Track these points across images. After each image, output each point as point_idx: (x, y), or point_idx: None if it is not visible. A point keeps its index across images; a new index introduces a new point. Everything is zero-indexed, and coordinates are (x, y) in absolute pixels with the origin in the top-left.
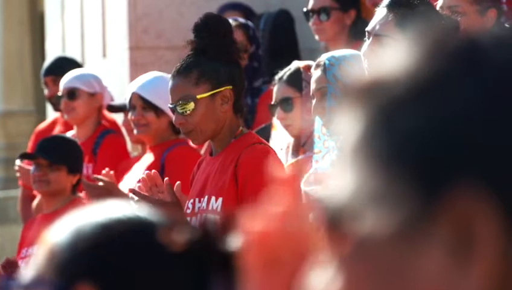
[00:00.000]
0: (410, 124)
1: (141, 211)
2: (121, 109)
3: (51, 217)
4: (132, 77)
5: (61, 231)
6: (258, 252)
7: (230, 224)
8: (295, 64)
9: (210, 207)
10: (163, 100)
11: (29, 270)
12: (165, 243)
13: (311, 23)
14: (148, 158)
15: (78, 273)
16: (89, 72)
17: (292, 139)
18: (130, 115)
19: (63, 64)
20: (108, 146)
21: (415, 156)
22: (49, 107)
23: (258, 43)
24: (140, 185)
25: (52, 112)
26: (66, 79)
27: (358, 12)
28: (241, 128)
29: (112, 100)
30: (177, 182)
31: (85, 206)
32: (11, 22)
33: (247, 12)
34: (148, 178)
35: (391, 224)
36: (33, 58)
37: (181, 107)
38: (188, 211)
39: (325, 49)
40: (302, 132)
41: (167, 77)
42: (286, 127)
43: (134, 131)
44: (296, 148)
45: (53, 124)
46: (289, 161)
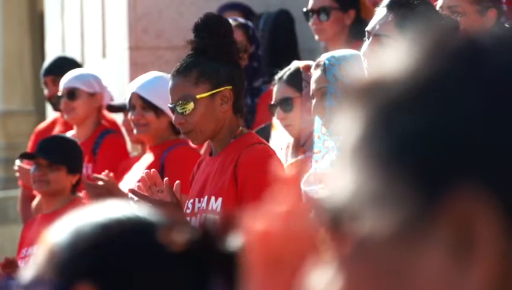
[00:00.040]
0: (410, 124)
1: (141, 211)
2: (121, 109)
3: (50, 217)
4: (132, 77)
5: (61, 231)
6: (260, 252)
7: (230, 224)
8: (295, 64)
9: (210, 207)
10: (163, 100)
11: (29, 270)
12: (165, 243)
13: (310, 23)
14: (148, 158)
15: (78, 273)
16: (89, 72)
17: (292, 139)
18: (129, 115)
19: (62, 64)
20: (108, 146)
21: (415, 156)
22: (49, 107)
23: (257, 43)
24: (139, 184)
25: (52, 112)
26: (66, 79)
27: (358, 12)
28: (240, 128)
29: (112, 100)
30: (177, 182)
31: (85, 206)
32: (11, 21)
33: (246, 12)
34: (148, 177)
35: (391, 224)
36: (33, 58)
37: (181, 107)
38: (187, 211)
39: (324, 49)
40: (302, 132)
41: (167, 76)
42: (286, 127)
43: (134, 131)
44: (296, 148)
45: (53, 124)
46: (289, 161)
